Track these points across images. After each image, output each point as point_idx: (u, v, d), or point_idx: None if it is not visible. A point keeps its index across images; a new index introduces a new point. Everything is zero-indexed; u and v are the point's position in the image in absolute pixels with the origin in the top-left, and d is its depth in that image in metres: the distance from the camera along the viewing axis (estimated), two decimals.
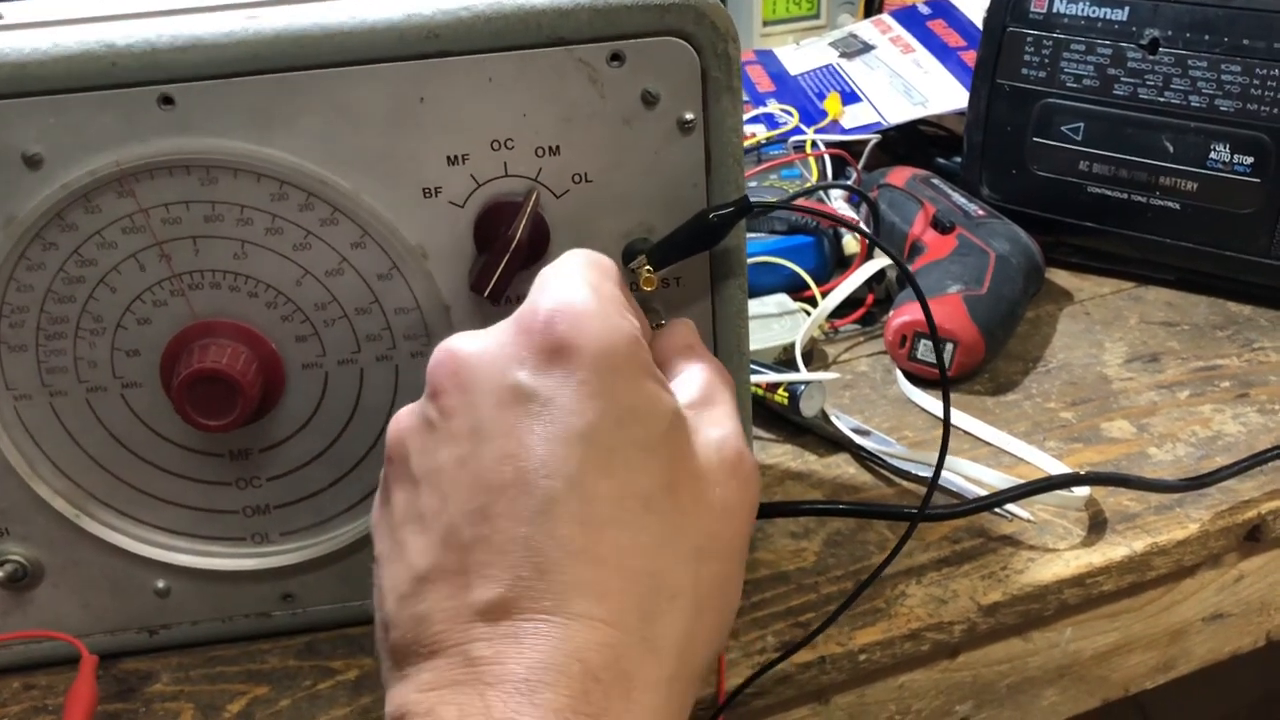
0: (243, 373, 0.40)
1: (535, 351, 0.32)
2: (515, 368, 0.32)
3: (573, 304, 0.32)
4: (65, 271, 0.40)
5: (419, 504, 0.32)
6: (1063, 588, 0.48)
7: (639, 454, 0.31)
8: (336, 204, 0.40)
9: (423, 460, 0.32)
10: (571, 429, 0.31)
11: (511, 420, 0.31)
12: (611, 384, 0.31)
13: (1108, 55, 0.68)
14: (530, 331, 0.32)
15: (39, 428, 0.42)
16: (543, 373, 0.31)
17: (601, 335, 0.32)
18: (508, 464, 0.30)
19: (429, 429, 0.33)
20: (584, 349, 0.32)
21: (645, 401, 0.32)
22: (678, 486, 0.32)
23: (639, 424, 0.32)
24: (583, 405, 0.31)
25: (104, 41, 0.38)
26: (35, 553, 0.44)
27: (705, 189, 0.42)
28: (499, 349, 0.32)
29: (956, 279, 0.63)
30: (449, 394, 0.32)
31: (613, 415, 0.31)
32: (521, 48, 0.39)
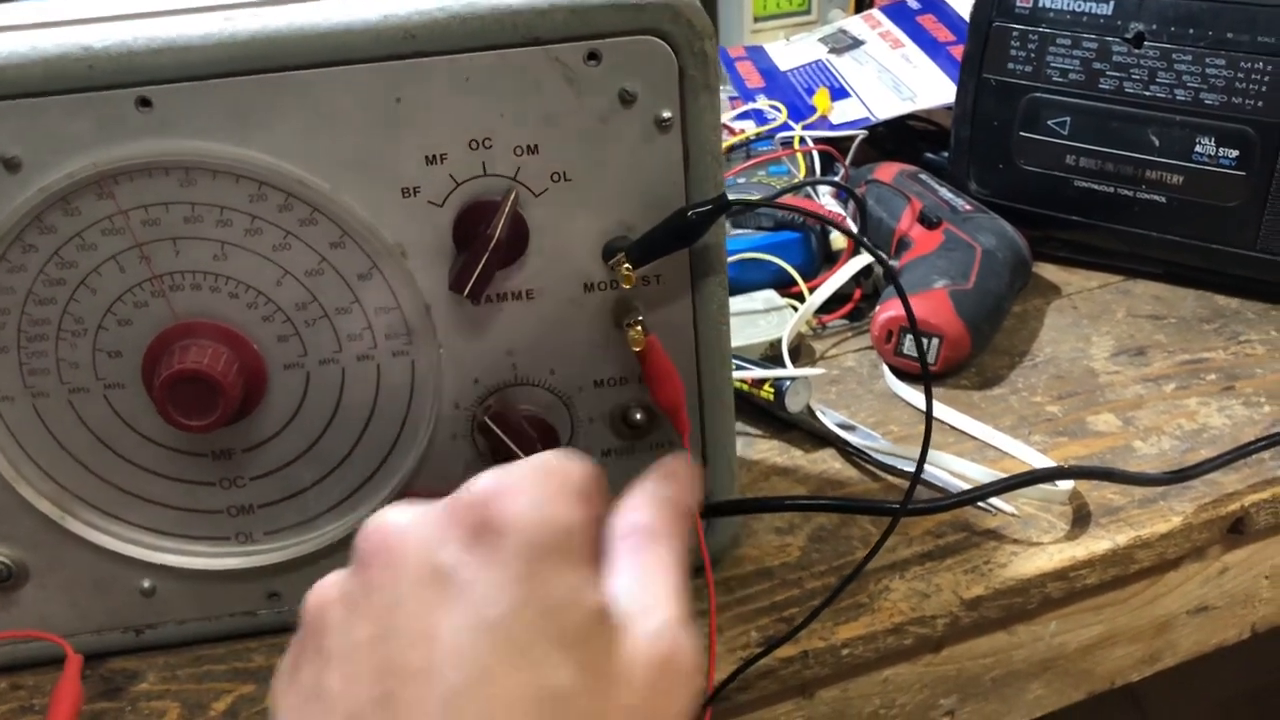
0: (224, 373, 0.40)
1: (463, 529, 0.31)
2: (440, 546, 0.31)
3: (508, 485, 0.31)
4: (45, 274, 0.40)
5: (325, 682, 0.31)
6: (1046, 581, 0.48)
7: (552, 651, 0.30)
8: (315, 204, 0.40)
9: (338, 639, 0.31)
10: (486, 618, 0.30)
11: (429, 602, 0.30)
12: (535, 572, 0.30)
13: (1093, 49, 0.68)
14: (459, 509, 0.31)
15: (22, 429, 0.43)
16: (466, 551, 0.30)
17: (531, 517, 0.31)
18: (417, 651, 0.30)
19: (350, 605, 0.32)
20: (511, 529, 0.30)
21: (568, 595, 0.31)
22: (595, 691, 0.31)
23: (557, 619, 0.30)
24: (500, 593, 0.30)
25: (81, 44, 0.38)
26: (20, 553, 0.44)
27: (684, 187, 0.42)
28: (428, 525, 0.31)
29: (942, 274, 0.63)
30: (374, 568, 0.32)
31: (531, 607, 0.30)
32: (498, 47, 0.39)
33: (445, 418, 0.44)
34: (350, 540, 0.45)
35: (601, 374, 0.44)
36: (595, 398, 0.45)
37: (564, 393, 0.45)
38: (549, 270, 0.42)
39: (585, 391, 0.45)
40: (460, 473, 0.45)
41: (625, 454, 0.46)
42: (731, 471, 0.47)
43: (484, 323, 0.43)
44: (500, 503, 0.31)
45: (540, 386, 0.44)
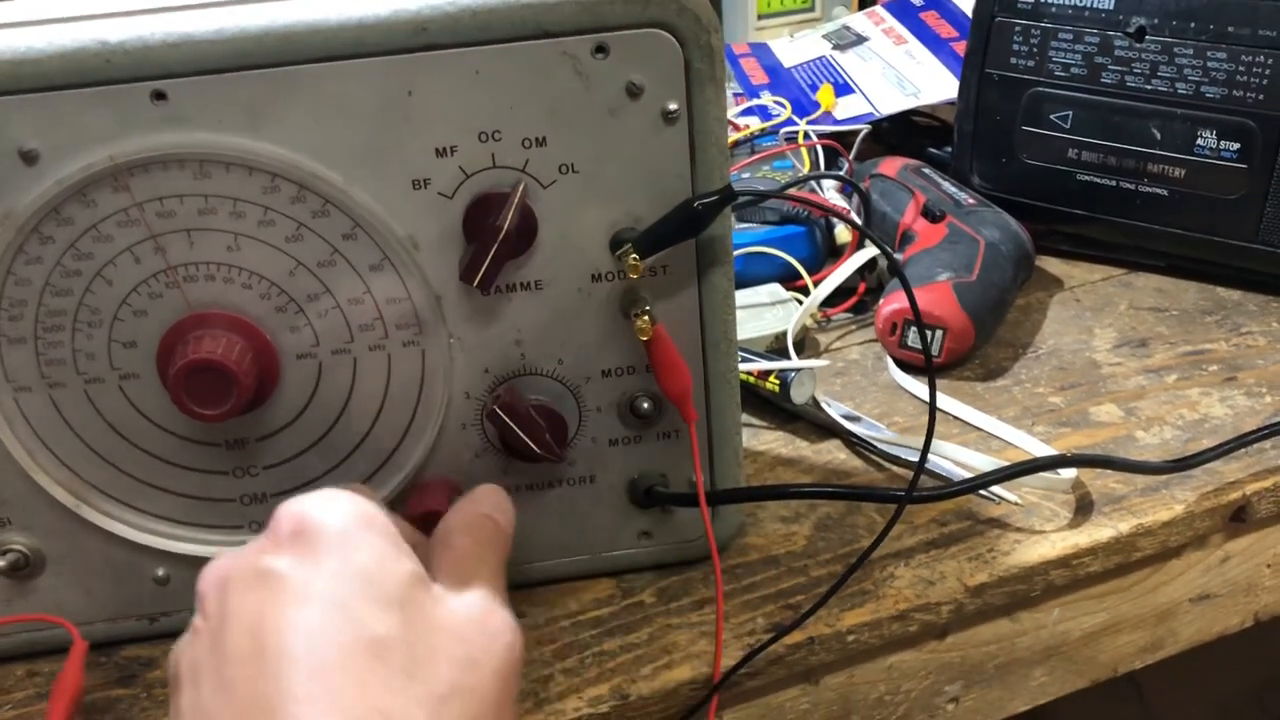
0: (238, 363, 0.41)
1: (278, 540, 0.35)
2: (260, 557, 0.34)
3: (312, 497, 0.36)
4: (62, 265, 0.41)
5: (179, 706, 0.34)
6: (1049, 569, 0.49)
7: (370, 607, 0.33)
8: (327, 196, 0.41)
9: (185, 664, 0.34)
10: (305, 593, 0.33)
11: (252, 599, 0.33)
12: (347, 550, 0.34)
13: (1095, 44, 0.68)
14: (276, 528, 0.35)
15: (39, 419, 0.43)
16: (286, 554, 0.34)
17: (338, 512, 0.35)
18: (246, 637, 0.32)
19: (194, 637, 0.35)
20: (324, 524, 0.35)
21: (380, 561, 0.34)
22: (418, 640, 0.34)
23: (373, 582, 0.34)
24: (318, 571, 0.33)
25: (98, 39, 0.39)
26: (36, 542, 0.45)
27: (690, 178, 0.42)
28: (250, 550, 0.35)
29: (946, 266, 0.64)
30: (208, 598, 0.35)
31: (346, 575, 0.33)
32: (508, 40, 0.40)
33: (455, 407, 0.45)
34: None
35: (609, 364, 0.45)
36: (603, 387, 0.45)
37: (572, 382, 0.45)
38: (557, 261, 0.43)
39: (593, 381, 0.45)
40: (469, 461, 0.46)
41: (633, 443, 0.46)
42: (738, 460, 0.48)
43: (493, 313, 0.43)
44: (307, 509, 0.35)
45: (549, 376, 0.45)
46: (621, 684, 0.43)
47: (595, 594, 0.48)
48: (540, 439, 0.44)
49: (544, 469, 0.46)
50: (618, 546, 0.48)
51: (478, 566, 0.39)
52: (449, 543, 0.39)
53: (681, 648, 0.45)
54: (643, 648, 0.45)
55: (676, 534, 0.48)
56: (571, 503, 0.47)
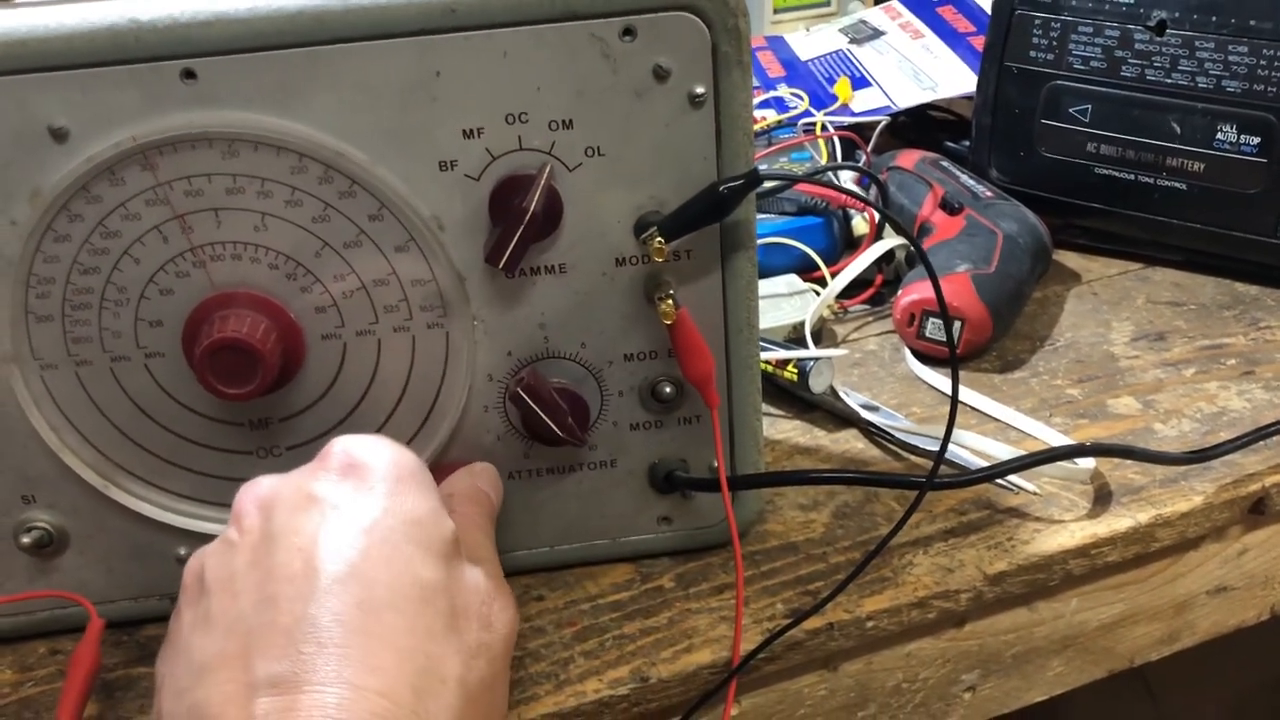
0: (263, 342, 0.41)
1: (331, 470, 0.36)
2: (311, 482, 0.35)
3: (365, 439, 0.37)
4: (90, 243, 0.41)
5: (208, 611, 0.34)
6: (1068, 558, 0.49)
7: (419, 552, 0.34)
8: (354, 176, 0.41)
9: (216, 572, 0.34)
10: (357, 523, 0.34)
11: (303, 520, 0.34)
12: (400, 493, 0.35)
13: (1115, 37, 0.68)
14: (326, 458, 0.36)
15: (65, 397, 0.43)
16: (336, 483, 0.35)
17: (392, 456, 0.36)
18: (296, 556, 0.33)
19: (227, 547, 0.35)
20: (376, 466, 0.36)
21: (430, 514, 0.36)
22: (457, 592, 0.35)
23: (421, 529, 0.35)
24: (371, 505, 0.34)
25: (128, 17, 0.39)
26: (61, 520, 0.45)
27: (715, 162, 0.42)
28: (299, 475, 0.36)
29: (964, 258, 0.64)
30: (249, 515, 0.35)
31: (397, 516, 0.35)
32: (536, 22, 0.40)
33: (478, 389, 0.45)
34: None
35: (631, 348, 0.45)
36: (625, 371, 0.45)
37: (594, 366, 0.45)
38: (582, 244, 0.43)
39: (615, 365, 0.45)
40: (492, 443, 0.46)
41: (654, 427, 0.47)
42: (758, 446, 0.48)
43: (517, 296, 0.44)
44: (360, 448, 0.36)
45: (571, 359, 0.45)
46: (641, 666, 0.44)
47: (614, 578, 0.48)
48: (563, 422, 0.44)
49: (565, 453, 0.46)
50: (637, 531, 0.48)
51: (482, 539, 0.40)
52: (453, 508, 0.40)
53: (701, 632, 0.45)
54: (662, 631, 0.45)
55: (696, 519, 0.48)
56: (592, 487, 0.47)
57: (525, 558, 0.48)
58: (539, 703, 0.42)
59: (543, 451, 0.46)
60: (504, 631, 0.37)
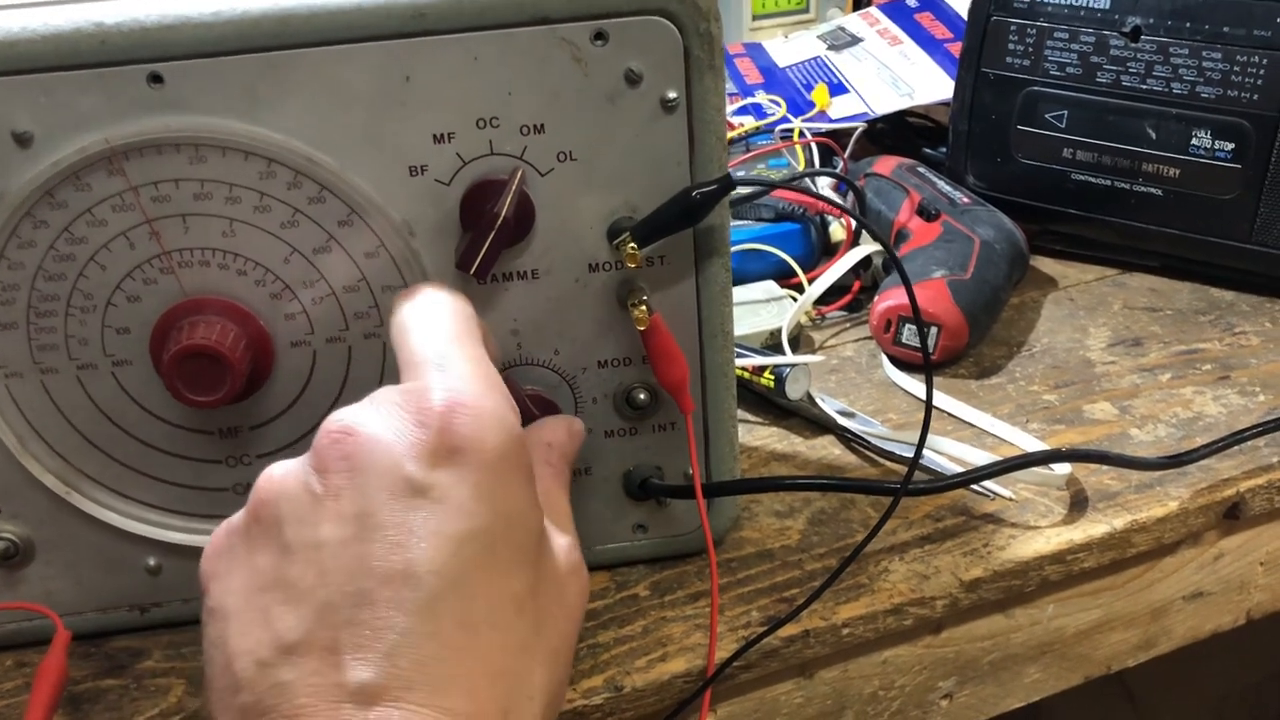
0: (232, 349, 0.40)
1: (431, 447, 0.32)
2: (409, 461, 0.32)
3: (469, 400, 0.33)
4: (56, 249, 0.41)
5: (288, 574, 0.32)
6: (1044, 564, 0.49)
7: (515, 558, 0.33)
8: (324, 182, 0.41)
9: (300, 531, 0.32)
10: (460, 529, 0.32)
11: (402, 512, 0.31)
12: (501, 487, 0.33)
13: (1090, 43, 0.69)
14: (426, 425, 0.33)
15: (30, 405, 0.43)
16: (437, 469, 0.32)
17: (498, 439, 0.33)
18: (396, 554, 0.31)
19: (312, 501, 0.32)
20: (480, 450, 0.32)
21: (526, 508, 0.34)
22: (542, 591, 0.34)
23: (518, 529, 0.33)
24: (473, 506, 0.32)
25: (94, 20, 0.38)
26: (27, 530, 0.45)
27: (688, 167, 0.42)
28: (394, 437, 0.32)
29: (941, 264, 0.64)
30: (338, 474, 0.32)
31: (498, 519, 0.32)
32: (507, 26, 0.40)
33: None
34: None
35: (605, 354, 0.45)
36: (599, 378, 0.45)
37: (568, 372, 0.45)
38: (554, 250, 0.43)
39: (589, 372, 0.45)
40: None
41: (629, 434, 0.46)
42: (733, 453, 0.48)
43: (489, 302, 0.43)
44: (460, 419, 0.32)
45: (545, 366, 0.45)
46: (616, 676, 0.43)
47: (590, 587, 0.48)
48: None
49: None
50: (613, 539, 0.48)
51: (563, 501, 0.39)
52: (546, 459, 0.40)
53: (676, 640, 0.45)
54: (637, 640, 0.45)
55: (672, 527, 0.48)
56: None
57: None
58: None
59: None
60: (579, 614, 0.36)
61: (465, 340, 0.36)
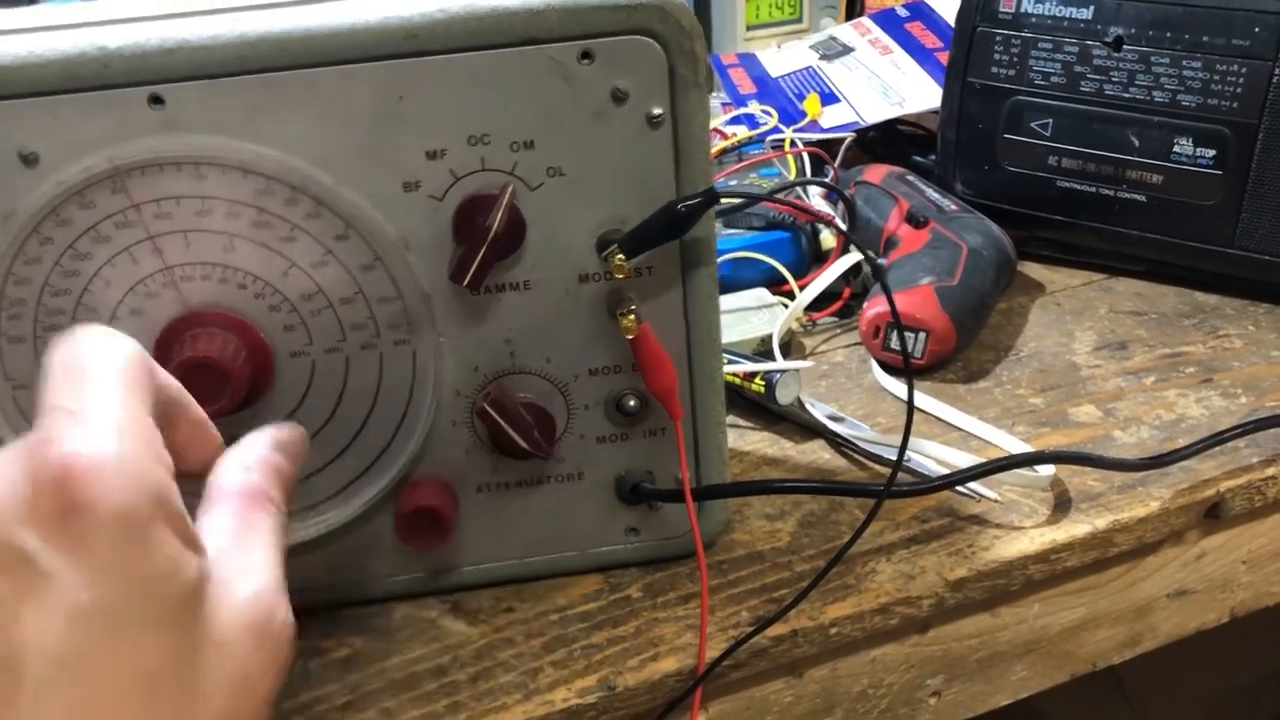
0: (232, 360, 0.42)
1: (46, 510, 0.28)
2: (20, 526, 0.28)
3: (94, 453, 0.28)
4: (61, 265, 0.42)
5: None
6: (1028, 563, 0.50)
7: (149, 631, 0.29)
8: (320, 198, 0.42)
9: None
10: (73, 607, 0.28)
11: (7, 589, 0.28)
12: (126, 552, 0.28)
13: (1074, 53, 0.70)
14: (42, 482, 0.28)
15: None
16: (50, 537, 0.28)
17: (122, 495, 0.28)
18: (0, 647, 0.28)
19: None
20: (99, 511, 0.28)
21: (163, 569, 0.29)
22: (193, 663, 0.30)
23: (152, 597, 0.29)
24: (90, 579, 0.28)
25: (97, 45, 0.40)
26: None
27: (675, 181, 0.44)
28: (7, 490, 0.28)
29: (928, 271, 0.65)
30: None
31: (122, 589, 0.28)
32: (496, 47, 0.41)
33: (445, 405, 0.46)
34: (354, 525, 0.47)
35: (596, 362, 0.46)
36: (590, 385, 0.46)
37: (560, 380, 0.46)
38: (545, 262, 0.44)
39: (580, 379, 0.46)
40: (460, 458, 0.47)
41: (620, 440, 0.47)
42: (723, 457, 0.49)
43: (483, 313, 0.44)
44: (84, 476, 0.28)
45: (537, 374, 0.46)
46: (609, 675, 0.44)
47: (583, 589, 0.49)
48: (529, 436, 0.45)
49: (533, 466, 0.47)
50: (605, 543, 0.49)
51: (267, 541, 0.34)
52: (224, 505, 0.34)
53: (667, 640, 0.46)
54: (629, 640, 0.46)
55: (663, 530, 0.49)
56: (560, 499, 0.48)
57: (495, 570, 0.49)
58: (508, 712, 0.43)
59: (511, 465, 0.47)
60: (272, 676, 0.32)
61: (115, 386, 0.31)
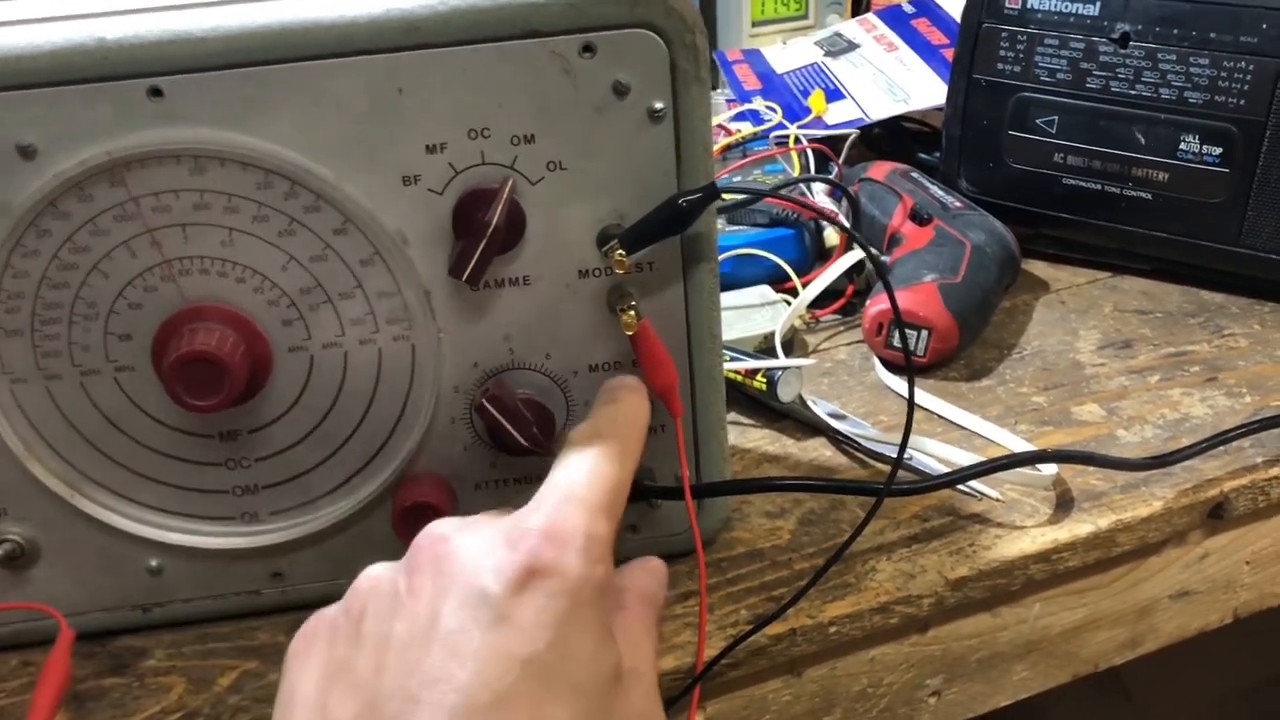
0: (230, 354, 0.41)
1: (514, 568, 0.33)
2: (489, 575, 0.33)
3: (564, 528, 0.35)
4: (59, 258, 0.42)
5: (355, 663, 0.34)
6: (1029, 563, 0.49)
7: (569, 693, 0.33)
8: (319, 191, 0.42)
9: (377, 625, 0.34)
10: (516, 651, 0.32)
11: (469, 623, 0.33)
12: (569, 621, 0.33)
13: (1080, 49, 0.69)
14: (515, 546, 0.34)
15: (35, 410, 0.44)
16: (514, 586, 0.33)
17: (579, 573, 0.34)
18: (450, 661, 0.32)
19: (394, 599, 0.34)
20: (557, 576, 0.33)
21: (593, 650, 0.34)
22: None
23: (581, 668, 0.33)
24: (536, 632, 0.33)
25: (95, 36, 0.39)
26: (32, 532, 0.46)
27: (676, 176, 0.43)
28: (482, 549, 0.34)
29: (932, 268, 0.65)
30: (424, 575, 0.34)
31: (559, 651, 0.33)
32: (497, 39, 0.41)
33: (445, 401, 0.45)
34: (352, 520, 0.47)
35: (596, 358, 0.46)
36: (590, 381, 0.46)
37: (559, 376, 0.46)
38: (545, 257, 0.44)
39: (580, 375, 0.46)
40: (459, 454, 0.46)
41: None
42: (724, 455, 0.49)
43: (482, 308, 0.44)
44: (553, 548, 0.34)
45: (536, 370, 0.46)
46: None
47: None
48: (528, 433, 0.44)
49: (531, 463, 0.47)
50: None
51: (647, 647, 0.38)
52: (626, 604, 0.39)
53: (665, 639, 0.46)
54: None
55: (663, 527, 0.49)
56: None
57: None
58: None
59: (509, 462, 0.47)
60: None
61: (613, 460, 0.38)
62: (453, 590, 0.33)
